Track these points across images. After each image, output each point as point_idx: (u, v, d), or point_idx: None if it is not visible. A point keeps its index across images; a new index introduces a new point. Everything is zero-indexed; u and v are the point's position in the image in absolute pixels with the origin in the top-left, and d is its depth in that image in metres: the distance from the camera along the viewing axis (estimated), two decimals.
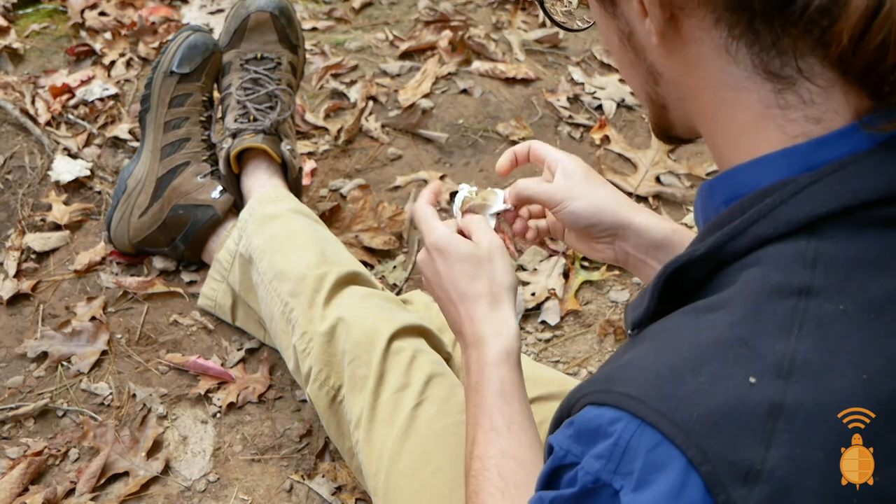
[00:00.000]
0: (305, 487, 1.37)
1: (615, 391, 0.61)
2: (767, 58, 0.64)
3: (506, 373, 0.94)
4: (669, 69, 0.72)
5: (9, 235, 1.69)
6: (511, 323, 0.97)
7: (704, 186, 0.72)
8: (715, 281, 0.66)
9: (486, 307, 0.97)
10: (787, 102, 0.64)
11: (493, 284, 0.98)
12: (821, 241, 0.62)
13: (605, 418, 0.61)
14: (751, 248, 0.64)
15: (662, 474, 0.58)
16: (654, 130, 0.82)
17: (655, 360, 0.62)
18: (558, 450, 0.64)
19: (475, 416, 0.93)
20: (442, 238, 1.00)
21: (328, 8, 2.30)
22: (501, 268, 0.99)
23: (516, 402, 0.93)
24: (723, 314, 0.62)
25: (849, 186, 0.62)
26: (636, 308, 0.71)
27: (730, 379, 0.58)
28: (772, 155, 0.65)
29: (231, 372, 1.50)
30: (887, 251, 0.62)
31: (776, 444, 0.57)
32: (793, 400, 0.57)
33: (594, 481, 0.61)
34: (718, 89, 0.67)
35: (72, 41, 2.11)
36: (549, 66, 2.15)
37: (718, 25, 0.65)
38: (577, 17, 0.91)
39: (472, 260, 0.98)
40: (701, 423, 0.57)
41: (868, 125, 0.63)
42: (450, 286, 0.99)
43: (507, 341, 0.95)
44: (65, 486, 1.35)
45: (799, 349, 0.59)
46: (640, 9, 0.69)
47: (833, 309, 0.60)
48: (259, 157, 1.60)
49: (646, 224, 1.02)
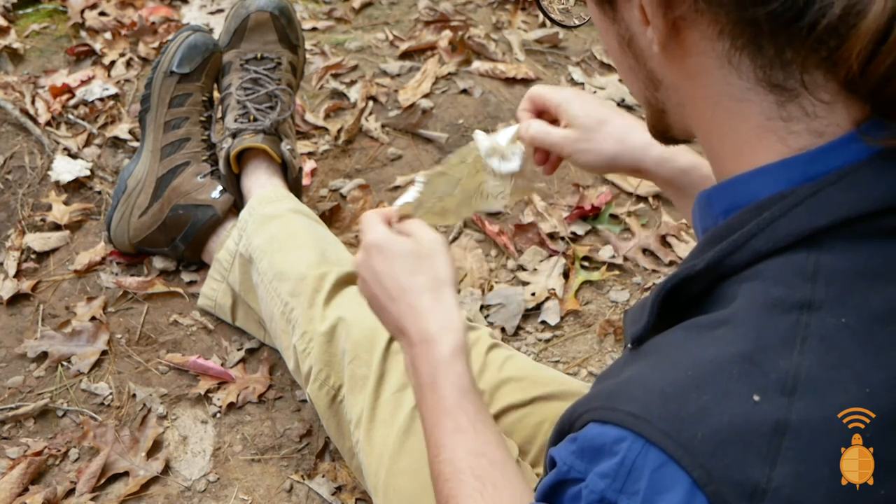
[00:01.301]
0: (305, 487, 1.37)
1: (619, 409, 0.61)
2: (771, 70, 0.63)
3: (462, 369, 0.90)
4: (670, 76, 0.71)
5: (9, 235, 1.69)
6: (457, 316, 0.93)
7: (702, 196, 0.71)
8: (714, 294, 0.66)
9: (431, 300, 0.93)
10: (790, 115, 0.64)
11: (436, 278, 0.94)
12: (821, 254, 0.62)
13: (610, 437, 0.61)
14: (750, 261, 0.63)
15: (667, 495, 0.58)
16: (652, 132, 0.81)
17: (659, 378, 0.61)
18: (561, 464, 0.64)
19: (434, 417, 0.89)
20: (380, 235, 0.97)
21: (328, 8, 2.30)
22: (443, 263, 0.96)
23: (477, 399, 0.90)
24: (725, 331, 0.61)
25: (848, 198, 0.61)
26: (635, 322, 0.70)
27: (734, 397, 0.58)
28: (770, 166, 0.65)
29: (231, 372, 1.50)
30: (888, 262, 0.62)
31: (781, 462, 0.56)
32: (797, 417, 0.57)
33: (599, 500, 0.61)
34: (719, 99, 0.67)
35: (72, 41, 2.11)
36: (549, 66, 2.15)
37: (721, 37, 0.64)
38: (574, 14, 0.91)
39: (412, 255, 0.95)
40: (706, 442, 0.57)
41: (867, 135, 0.62)
42: (390, 282, 0.95)
43: (457, 336, 0.92)
44: (65, 486, 1.35)
45: (802, 365, 0.58)
46: (641, 17, 0.68)
47: (835, 322, 0.60)
48: (259, 157, 1.60)
49: (660, 159, 1.01)
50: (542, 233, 1.73)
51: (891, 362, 0.60)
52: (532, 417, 1.23)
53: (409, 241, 0.97)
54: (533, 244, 1.73)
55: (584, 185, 1.83)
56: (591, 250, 1.73)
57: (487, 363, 1.31)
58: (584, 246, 1.73)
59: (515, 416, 1.24)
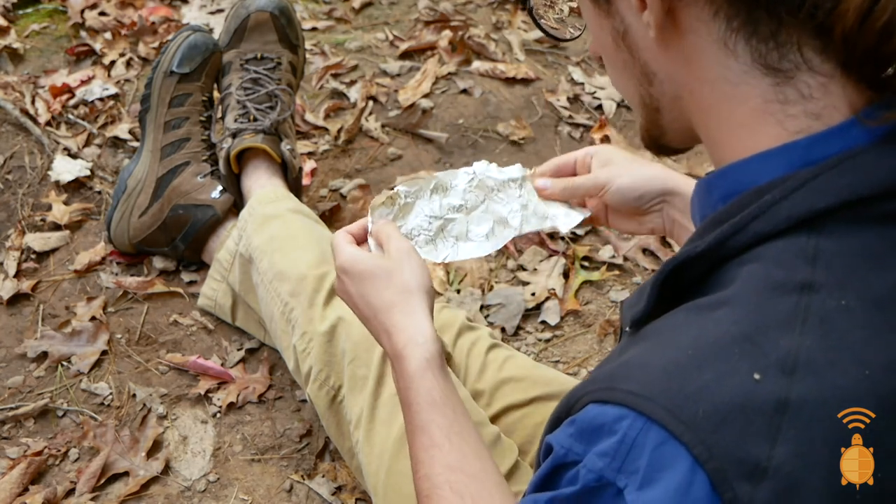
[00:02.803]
0: (305, 487, 1.37)
1: (619, 388, 0.61)
2: (766, 50, 0.64)
3: (431, 382, 0.89)
4: (665, 66, 0.72)
5: (9, 235, 1.69)
6: (426, 327, 0.92)
7: (701, 183, 0.72)
8: (714, 277, 0.66)
9: (399, 315, 0.92)
10: (787, 97, 0.64)
11: (404, 290, 0.93)
12: (821, 237, 0.62)
13: (610, 416, 0.60)
14: (751, 244, 0.64)
15: (668, 472, 0.57)
16: (644, 138, 0.81)
17: (660, 358, 0.62)
18: (558, 448, 0.64)
19: (411, 434, 0.89)
20: (346, 259, 0.96)
21: (328, 8, 2.30)
22: (410, 271, 0.94)
23: (450, 411, 0.88)
24: (726, 311, 0.62)
25: (847, 182, 0.62)
26: (634, 305, 0.71)
27: (735, 375, 0.58)
28: (770, 151, 0.65)
29: (231, 372, 1.50)
30: (888, 246, 0.62)
31: (781, 441, 0.57)
32: (797, 396, 0.57)
33: (597, 479, 0.60)
34: (717, 84, 0.67)
35: (72, 41, 2.11)
36: (549, 66, 2.15)
37: (717, 17, 0.65)
38: (569, 24, 0.91)
39: (378, 272, 0.94)
40: (707, 419, 0.57)
41: (866, 119, 0.63)
42: (362, 303, 0.95)
43: (425, 348, 0.90)
44: (65, 486, 1.35)
45: (803, 345, 0.59)
46: (637, 3, 0.69)
47: (835, 304, 0.60)
48: (259, 156, 1.60)
49: (688, 183, 1.01)
50: (543, 233, 1.73)
51: (891, 345, 0.60)
52: (532, 417, 1.23)
53: (374, 257, 0.97)
54: (533, 244, 1.73)
55: None
56: (591, 250, 1.73)
57: (487, 363, 1.31)
58: (584, 246, 1.73)
59: (515, 416, 1.24)
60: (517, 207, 1.06)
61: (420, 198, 1.05)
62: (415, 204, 1.04)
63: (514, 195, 1.07)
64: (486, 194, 1.06)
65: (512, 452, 1.16)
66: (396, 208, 1.03)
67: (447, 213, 1.05)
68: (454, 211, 1.05)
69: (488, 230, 1.06)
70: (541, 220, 1.07)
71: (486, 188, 1.06)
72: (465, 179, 1.06)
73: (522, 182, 1.08)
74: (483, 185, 1.06)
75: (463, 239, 1.05)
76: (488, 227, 1.06)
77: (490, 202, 1.07)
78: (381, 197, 1.03)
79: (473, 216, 1.06)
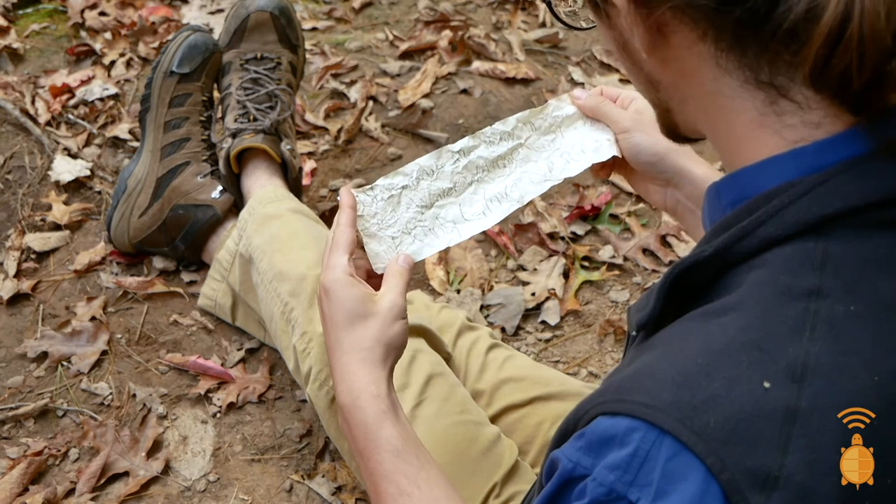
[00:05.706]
0: (305, 487, 1.37)
1: (630, 400, 0.60)
2: (758, 69, 0.64)
3: (390, 430, 0.85)
4: (666, 77, 0.72)
5: (9, 235, 1.69)
6: (382, 382, 0.88)
7: (711, 188, 0.72)
8: (721, 282, 0.66)
9: (359, 364, 0.88)
10: (783, 109, 0.64)
11: (376, 342, 0.89)
12: (829, 242, 0.62)
13: (621, 428, 0.60)
14: (758, 249, 0.64)
15: (682, 484, 0.57)
16: (662, 131, 0.82)
17: (669, 367, 0.61)
18: (566, 462, 0.63)
19: (376, 484, 0.85)
20: (334, 280, 0.90)
21: (328, 8, 2.30)
22: (391, 327, 0.89)
23: (414, 458, 0.85)
24: (733, 317, 0.61)
25: (856, 187, 0.62)
26: (641, 309, 0.70)
27: (744, 383, 0.58)
28: (779, 156, 0.65)
29: (231, 372, 1.50)
30: (895, 252, 0.62)
31: (792, 450, 0.56)
32: (806, 404, 0.57)
33: (607, 493, 0.59)
34: (715, 97, 0.68)
35: (72, 41, 2.11)
36: (549, 66, 2.15)
37: (705, 40, 0.65)
38: (581, 16, 0.91)
39: (357, 311, 0.89)
40: (719, 429, 0.57)
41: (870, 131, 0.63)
42: (329, 329, 0.91)
43: (381, 399, 0.87)
44: (65, 486, 1.35)
45: (811, 352, 0.59)
46: (627, 24, 0.69)
47: (844, 310, 0.60)
48: (259, 156, 1.60)
49: (704, 176, 0.99)
50: (542, 233, 1.73)
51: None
52: (532, 417, 1.23)
53: (364, 293, 0.90)
54: (533, 244, 1.73)
55: (583, 185, 1.84)
56: (591, 250, 1.73)
57: (487, 363, 1.31)
58: (584, 246, 1.73)
59: (515, 416, 1.24)
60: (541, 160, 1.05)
61: (406, 187, 1.02)
62: (401, 195, 1.02)
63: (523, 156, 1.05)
64: (476, 173, 1.04)
65: (512, 452, 1.16)
66: (383, 203, 1.01)
67: (437, 199, 1.02)
68: (444, 195, 1.02)
69: (483, 208, 1.04)
70: (565, 164, 1.04)
71: (476, 168, 1.03)
72: (450, 160, 1.03)
73: (559, 124, 1.05)
74: (471, 167, 1.03)
75: (460, 221, 1.03)
76: (482, 207, 1.04)
77: (480, 184, 1.04)
78: (357, 191, 1.00)
79: (464, 198, 1.03)
